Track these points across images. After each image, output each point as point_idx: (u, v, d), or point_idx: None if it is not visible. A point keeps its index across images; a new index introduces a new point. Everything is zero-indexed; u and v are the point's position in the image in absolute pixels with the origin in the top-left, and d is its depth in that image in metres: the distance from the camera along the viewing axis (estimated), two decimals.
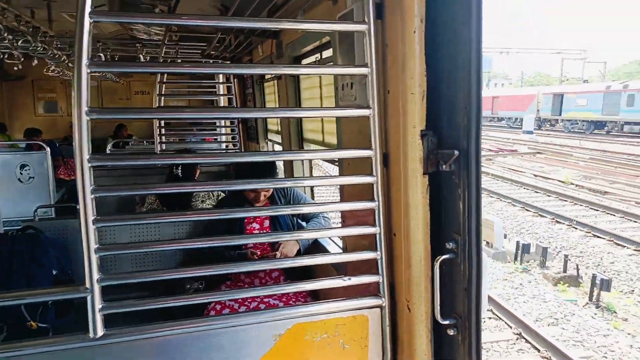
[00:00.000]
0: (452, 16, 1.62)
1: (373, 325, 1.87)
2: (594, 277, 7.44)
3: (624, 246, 9.75)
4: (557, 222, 11.40)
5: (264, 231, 2.92)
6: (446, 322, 1.73)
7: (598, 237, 10.30)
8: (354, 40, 2.02)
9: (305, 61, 3.21)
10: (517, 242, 9.30)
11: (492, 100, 47.35)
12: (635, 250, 9.49)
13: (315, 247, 2.92)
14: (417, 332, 1.82)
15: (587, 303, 7.42)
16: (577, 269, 8.31)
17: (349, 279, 1.85)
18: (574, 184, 15.50)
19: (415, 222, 1.79)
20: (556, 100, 38.24)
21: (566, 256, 8.61)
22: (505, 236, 9.81)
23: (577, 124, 36.21)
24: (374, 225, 1.83)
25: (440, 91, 1.72)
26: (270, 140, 4.65)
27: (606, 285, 7.26)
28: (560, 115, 37.93)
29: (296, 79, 3.47)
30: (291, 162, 3.55)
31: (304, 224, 3.06)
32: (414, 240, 1.80)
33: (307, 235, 2.65)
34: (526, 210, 12.65)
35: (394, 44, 1.80)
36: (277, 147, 4.26)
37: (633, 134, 31.27)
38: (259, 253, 2.81)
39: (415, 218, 1.79)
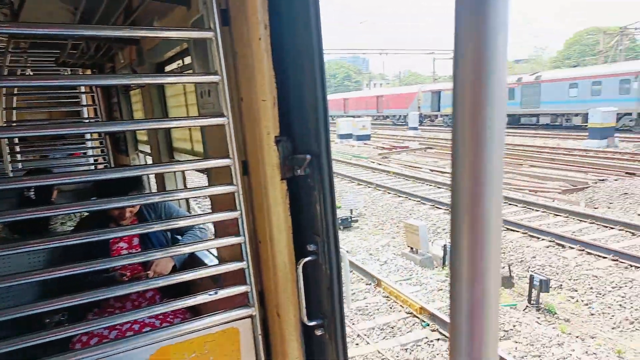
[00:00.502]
0: (294, 23, 1.64)
1: (245, 337, 1.84)
2: (531, 278, 7.09)
3: (539, 238, 9.74)
4: None
5: (134, 250, 2.73)
6: (313, 323, 1.75)
7: (513, 230, 10.26)
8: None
9: (168, 68, 3.07)
10: (444, 246, 8.81)
11: (377, 100, 50.09)
12: (550, 241, 9.46)
13: (193, 261, 2.81)
14: (288, 337, 1.83)
15: (527, 306, 7.13)
16: (510, 269, 8.15)
17: (216, 292, 1.80)
18: None
19: (277, 227, 1.80)
20: (434, 97, 41.59)
21: None
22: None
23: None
24: (239, 234, 1.80)
25: (291, 97, 1.74)
26: (141, 152, 4.38)
27: (545, 286, 6.93)
28: (439, 110, 41.31)
29: (160, 87, 3.31)
30: (161, 174, 3.40)
31: (179, 237, 2.93)
32: (277, 245, 1.80)
33: (176, 252, 2.55)
34: (437, 207, 12.62)
35: (242, 51, 1.78)
36: (149, 159, 4.04)
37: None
38: (128, 274, 2.62)
39: (277, 224, 1.80)
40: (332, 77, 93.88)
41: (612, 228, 10.01)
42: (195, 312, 2.59)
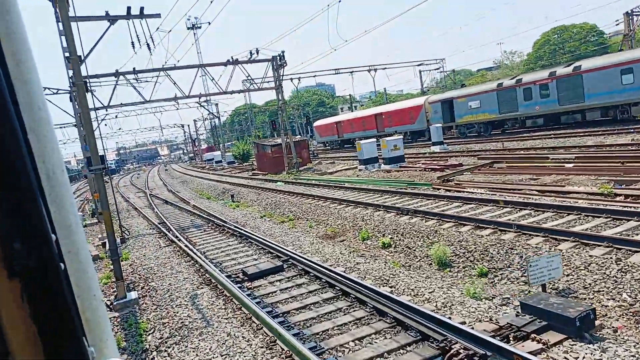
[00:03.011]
0: None
1: None
2: None
3: None
4: None
5: None
6: None
7: None
8: None
9: None
10: None
11: (374, 119, 44.88)
12: None
13: None
14: None
15: None
16: None
17: None
18: (618, 195, 11.04)
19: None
20: (445, 106, 36.54)
21: None
22: None
23: (474, 127, 34.66)
24: None
25: None
26: None
27: None
28: (453, 121, 36.17)
29: None
30: None
31: None
32: None
33: None
34: None
35: None
36: None
37: (537, 127, 30.17)
38: None
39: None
40: (307, 105, 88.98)
41: None
42: None
